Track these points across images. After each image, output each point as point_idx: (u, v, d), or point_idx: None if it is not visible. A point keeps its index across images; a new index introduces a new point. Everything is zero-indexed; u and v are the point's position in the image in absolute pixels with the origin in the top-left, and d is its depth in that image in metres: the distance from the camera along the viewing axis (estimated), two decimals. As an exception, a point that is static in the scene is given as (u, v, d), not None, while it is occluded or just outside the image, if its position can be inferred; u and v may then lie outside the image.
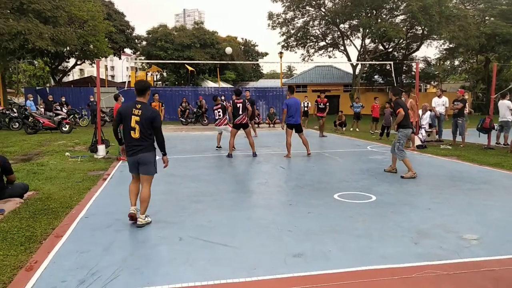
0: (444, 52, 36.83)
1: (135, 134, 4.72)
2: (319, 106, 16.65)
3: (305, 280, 3.40)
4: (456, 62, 40.51)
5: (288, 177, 8.04)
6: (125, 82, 29.89)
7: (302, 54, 37.13)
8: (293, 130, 10.29)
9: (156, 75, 41.96)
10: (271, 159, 10.27)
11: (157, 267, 3.67)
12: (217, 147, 12.13)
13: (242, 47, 54.33)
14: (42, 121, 16.85)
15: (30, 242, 4.25)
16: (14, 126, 18.10)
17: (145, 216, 4.86)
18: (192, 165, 9.29)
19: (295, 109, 10.14)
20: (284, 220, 5.07)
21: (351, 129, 19.68)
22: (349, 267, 3.62)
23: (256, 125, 22.20)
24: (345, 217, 5.18)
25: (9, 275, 3.47)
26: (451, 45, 34.19)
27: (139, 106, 4.76)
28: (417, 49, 36.13)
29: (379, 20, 30.64)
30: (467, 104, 13.59)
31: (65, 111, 20.73)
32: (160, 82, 44.59)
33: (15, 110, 18.97)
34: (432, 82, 41.38)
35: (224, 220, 5.08)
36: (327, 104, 16.88)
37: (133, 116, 4.71)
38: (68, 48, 26.14)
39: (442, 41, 34.19)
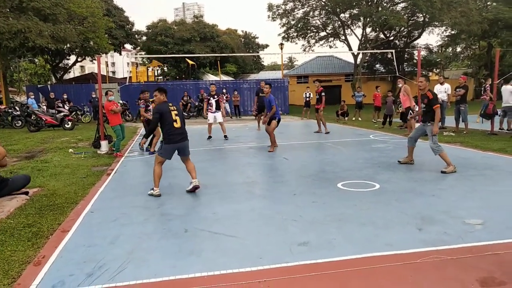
0: (446, 39, 36.57)
1: (177, 124, 5.94)
2: (317, 96, 13.90)
3: (311, 268, 3.43)
4: (458, 49, 40.22)
5: (291, 167, 8.05)
6: (126, 77, 29.91)
7: (303, 45, 36.97)
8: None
9: (157, 70, 41.90)
10: (274, 150, 10.26)
11: (163, 259, 3.70)
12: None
13: (243, 40, 54.11)
14: (44, 119, 16.89)
15: (37, 238, 4.30)
16: (17, 124, 18.14)
17: (197, 180, 6.10)
18: (195, 158, 9.27)
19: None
20: (288, 210, 5.09)
21: (353, 118, 19.64)
22: (354, 255, 3.65)
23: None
24: (349, 205, 5.19)
25: (18, 270, 3.52)
26: (453, 32, 33.92)
27: (171, 104, 6.07)
28: (419, 36, 35.86)
29: (380, 9, 30.40)
30: (488, 91, 13.47)
31: (67, 108, 20.76)
32: (161, 77, 44.54)
33: (17, 108, 18.99)
34: (434, 70, 41.12)
35: (229, 211, 5.11)
36: (322, 94, 13.70)
37: (172, 112, 5.94)
38: (68, 45, 26.12)
39: (443, 27, 33.91)
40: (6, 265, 3.61)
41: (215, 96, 12.59)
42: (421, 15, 31.50)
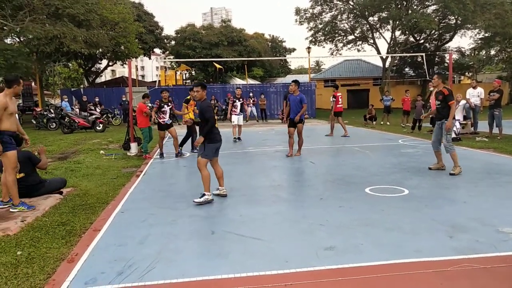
0: (479, 41, 35.44)
1: (217, 123, 5.95)
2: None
3: (337, 272, 3.40)
4: (492, 52, 38.87)
5: (318, 171, 8.01)
6: (155, 81, 30.54)
7: (330, 49, 36.74)
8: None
9: (185, 74, 42.54)
10: (301, 154, 10.23)
11: (191, 259, 3.76)
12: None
13: (270, 44, 54.25)
14: (77, 121, 17.47)
15: (71, 236, 4.45)
16: (51, 126, 18.83)
17: (225, 189, 6.08)
18: (221, 161, 9.38)
19: None
20: (315, 214, 5.07)
21: (382, 122, 19.33)
22: (382, 260, 3.59)
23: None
24: (377, 210, 5.12)
25: (53, 266, 3.65)
26: (486, 34, 32.82)
27: None
28: (450, 39, 34.93)
29: (410, 11, 29.85)
30: None
31: (99, 110, 21.37)
32: (189, 81, 45.20)
33: (52, 111, 19.71)
34: (467, 73, 39.96)
35: (255, 214, 5.13)
36: (333, 98, 14.53)
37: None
38: (100, 50, 26.97)
39: (477, 30, 32.90)
40: (42, 261, 3.76)
41: (241, 99, 13.02)
42: (453, 17, 30.71)
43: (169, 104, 9.98)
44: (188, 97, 10.32)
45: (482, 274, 3.31)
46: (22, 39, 23.44)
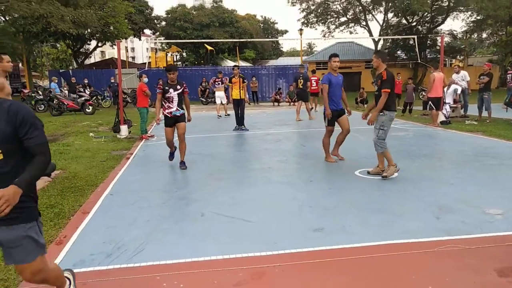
0: (471, 24, 35.37)
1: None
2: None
3: (325, 254, 3.44)
4: (484, 35, 38.87)
5: (308, 154, 8.03)
6: (145, 63, 30.10)
7: (323, 31, 36.42)
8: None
9: (176, 56, 42.02)
10: (292, 137, 10.25)
11: (180, 241, 3.77)
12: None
13: (262, 25, 53.65)
14: (66, 103, 17.21)
15: (59, 218, 4.43)
16: (39, 108, 18.54)
17: None
18: (212, 143, 9.38)
19: None
20: (304, 196, 5.10)
21: (373, 106, 19.35)
22: (369, 242, 3.64)
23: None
24: (366, 193, 5.16)
25: (41, 249, 3.63)
26: (478, 17, 32.75)
27: None
28: (443, 22, 34.79)
29: (403, -7, 29.59)
30: None
31: (88, 92, 21.06)
32: (180, 62, 44.68)
33: (40, 92, 19.38)
34: (458, 56, 39.97)
35: (245, 196, 5.15)
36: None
37: None
38: (89, 30, 26.43)
39: (469, 13, 32.79)
40: (30, 243, 3.73)
41: (220, 83, 15.25)
42: (446, -1, 30.56)
43: (178, 88, 6.69)
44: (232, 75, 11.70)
45: (467, 254, 3.37)
46: (7, 18, 22.87)
